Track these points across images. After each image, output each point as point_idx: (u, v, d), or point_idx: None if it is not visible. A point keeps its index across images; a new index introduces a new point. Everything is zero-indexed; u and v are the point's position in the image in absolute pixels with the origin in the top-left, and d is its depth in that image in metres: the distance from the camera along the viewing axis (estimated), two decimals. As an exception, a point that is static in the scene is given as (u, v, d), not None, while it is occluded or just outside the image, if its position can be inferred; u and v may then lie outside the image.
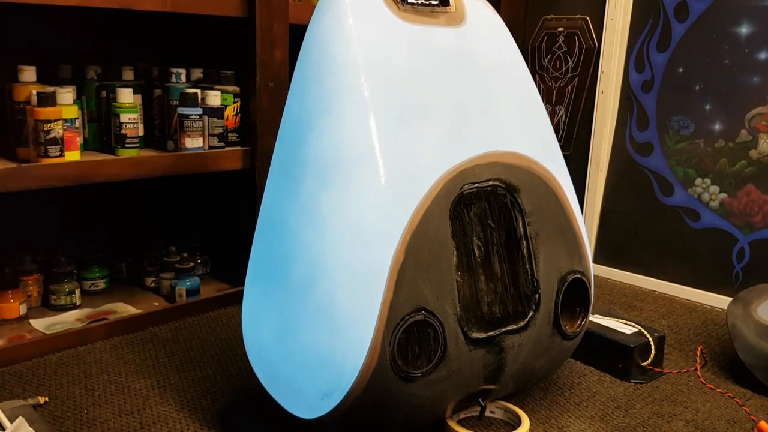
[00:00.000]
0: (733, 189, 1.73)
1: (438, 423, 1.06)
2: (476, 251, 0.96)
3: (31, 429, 0.99)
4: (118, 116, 1.44)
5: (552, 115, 2.10)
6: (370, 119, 0.89)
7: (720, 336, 1.53)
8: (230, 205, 1.69)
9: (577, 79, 2.04)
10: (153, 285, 1.68)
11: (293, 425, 1.00)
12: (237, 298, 1.61)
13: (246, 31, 1.53)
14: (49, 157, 1.29)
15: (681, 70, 1.81)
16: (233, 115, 1.58)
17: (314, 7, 0.98)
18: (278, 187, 0.96)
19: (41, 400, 1.13)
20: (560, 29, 2.07)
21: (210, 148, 1.55)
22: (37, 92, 1.30)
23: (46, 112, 1.28)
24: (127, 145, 1.44)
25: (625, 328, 1.36)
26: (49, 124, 1.28)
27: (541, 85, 2.13)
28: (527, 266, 1.00)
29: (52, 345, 1.33)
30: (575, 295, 1.08)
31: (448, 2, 1.04)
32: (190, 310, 1.55)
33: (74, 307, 1.53)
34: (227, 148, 1.57)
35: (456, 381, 0.94)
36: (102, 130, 1.51)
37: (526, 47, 2.14)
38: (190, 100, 1.50)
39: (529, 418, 1.11)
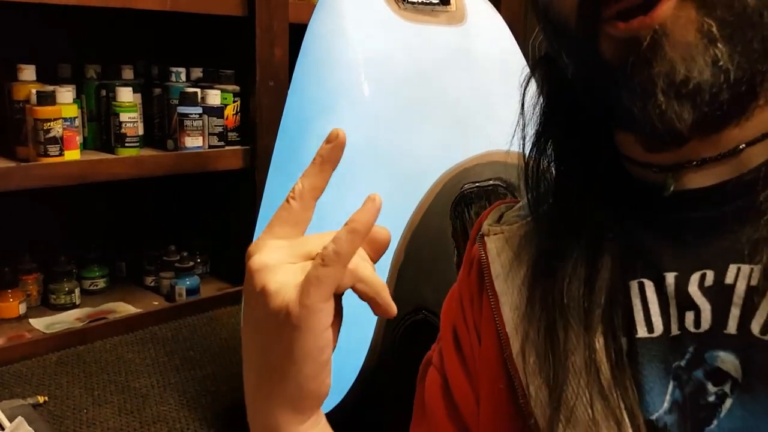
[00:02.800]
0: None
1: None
2: (476, 251, 0.96)
3: (30, 428, 0.99)
4: (117, 115, 1.43)
5: (552, 114, 2.10)
6: (371, 118, 0.89)
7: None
8: (230, 205, 1.69)
9: (577, 78, 2.04)
10: (153, 284, 1.67)
11: (293, 425, 0.99)
12: (237, 298, 1.61)
13: (246, 29, 1.52)
14: (49, 156, 1.29)
15: (681, 69, 1.80)
16: (233, 114, 1.58)
17: (314, 6, 0.97)
18: (278, 186, 0.96)
19: (41, 399, 1.13)
20: (560, 28, 2.06)
21: (210, 147, 1.55)
22: (37, 91, 1.29)
23: (45, 111, 1.28)
24: (126, 144, 1.44)
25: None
26: (48, 123, 1.28)
27: (542, 84, 2.12)
28: (528, 266, 1.00)
29: (51, 344, 1.33)
30: (576, 294, 1.08)
31: (449, 1, 1.03)
32: (189, 310, 1.54)
33: (74, 306, 1.53)
34: (227, 148, 1.57)
35: (456, 381, 0.94)
36: (101, 129, 1.50)
37: (527, 46, 2.14)
38: (190, 99, 1.49)
39: (530, 418, 1.11)
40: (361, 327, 0.85)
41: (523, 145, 0.53)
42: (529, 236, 0.53)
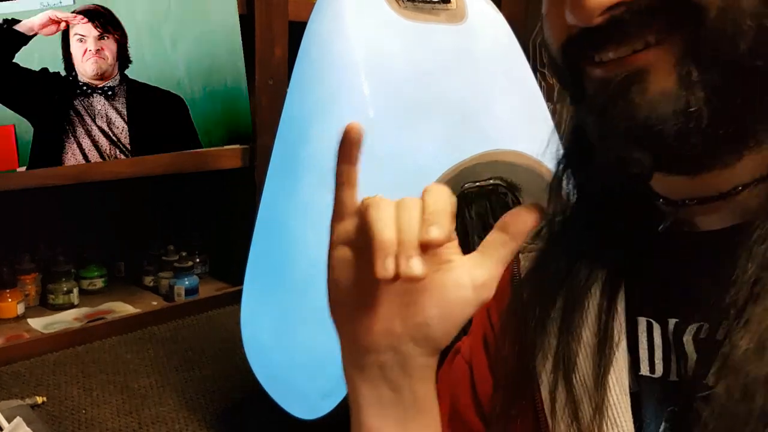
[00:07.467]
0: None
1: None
2: (477, 251, 0.95)
3: (29, 429, 0.99)
4: (116, 114, 1.43)
5: (554, 113, 2.09)
6: (370, 118, 0.89)
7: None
8: (229, 204, 1.68)
9: (577, 77, 2.03)
10: (151, 284, 1.67)
11: (293, 425, 0.99)
12: (236, 298, 1.59)
13: (245, 27, 1.51)
14: (47, 155, 1.28)
15: (682, 68, 1.80)
16: (232, 113, 1.57)
17: (314, 4, 0.97)
18: (278, 186, 0.95)
19: (39, 400, 1.13)
20: (561, 27, 2.06)
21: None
22: (35, 90, 1.29)
23: (43, 110, 1.27)
24: (125, 144, 1.43)
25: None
26: (46, 123, 1.27)
27: (543, 83, 2.12)
28: (528, 266, 0.99)
29: (50, 344, 1.32)
30: (577, 294, 1.07)
31: (449, -1, 1.03)
32: (188, 310, 1.54)
33: (72, 306, 1.52)
34: (226, 147, 1.56)
35: (457, 381, 0.94)
36: (100, 128, 1.50)
37: (528, 44, 2.13)
38: (189, 98, 1.48)
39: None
40: (361, 327, 0.85)
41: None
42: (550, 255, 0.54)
